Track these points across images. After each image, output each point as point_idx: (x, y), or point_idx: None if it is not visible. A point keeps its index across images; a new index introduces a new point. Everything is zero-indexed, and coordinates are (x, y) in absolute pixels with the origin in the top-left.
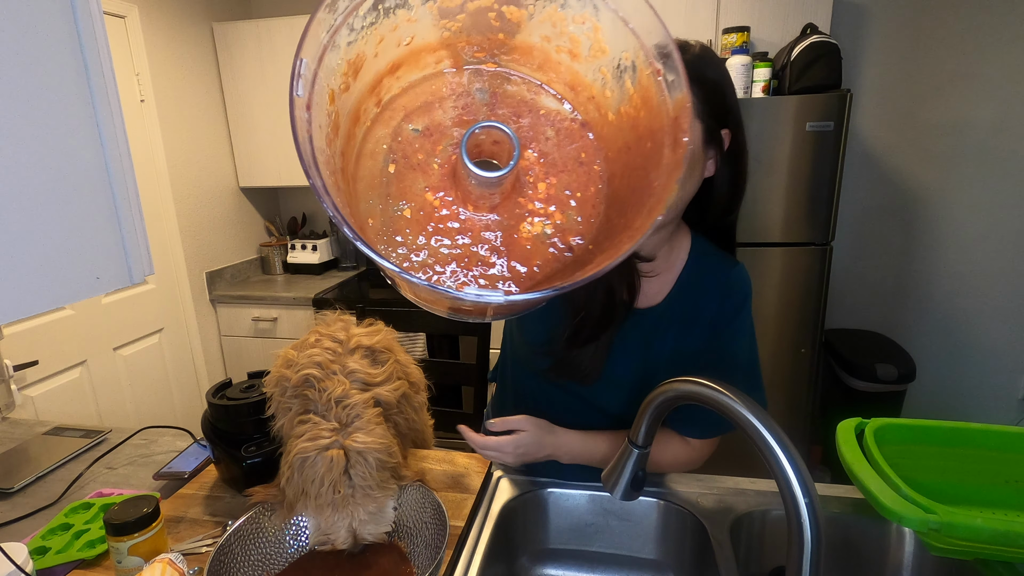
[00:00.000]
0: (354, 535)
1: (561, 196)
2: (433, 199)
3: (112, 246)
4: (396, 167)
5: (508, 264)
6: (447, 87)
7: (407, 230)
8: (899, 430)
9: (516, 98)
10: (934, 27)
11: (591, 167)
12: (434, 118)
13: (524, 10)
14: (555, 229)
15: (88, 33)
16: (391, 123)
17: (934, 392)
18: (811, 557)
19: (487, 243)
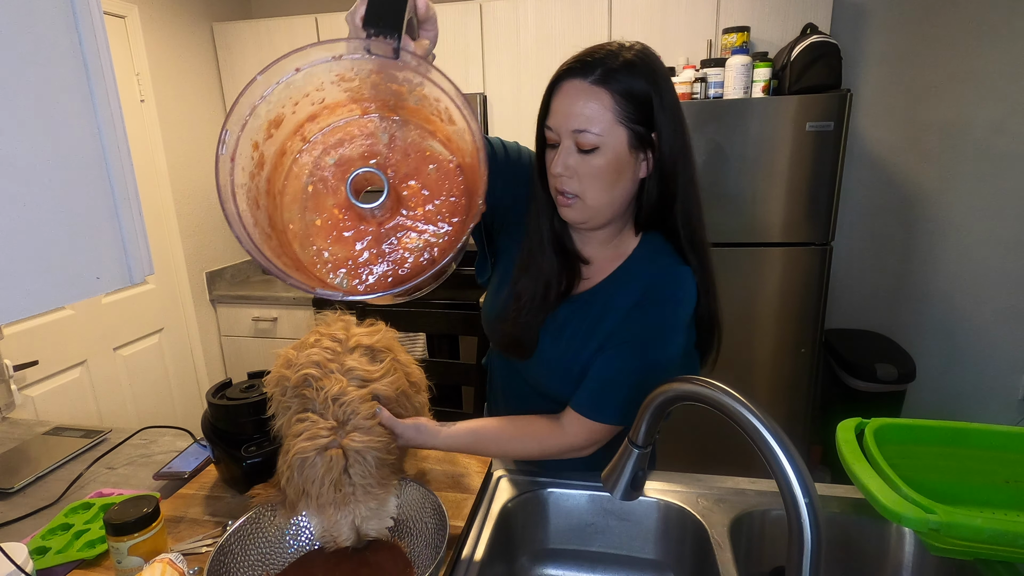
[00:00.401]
0: (357, 532)
1: (434, 218)
2: (339, 214)
3: (112, 246)
4: (314, 188)
5: (387, 265)
6: (357, 129)
7: (318, 235)
8: (899, 430)
9: (408, 140)
10: (934, 27)
11: (459, 200)
12: (345, 152)
13: (403, 86)
14: (425, 243)
15: (88, 33)
16: (313, 154)
17: (934, 392)
18: (811, 557)
19: (374, 248)
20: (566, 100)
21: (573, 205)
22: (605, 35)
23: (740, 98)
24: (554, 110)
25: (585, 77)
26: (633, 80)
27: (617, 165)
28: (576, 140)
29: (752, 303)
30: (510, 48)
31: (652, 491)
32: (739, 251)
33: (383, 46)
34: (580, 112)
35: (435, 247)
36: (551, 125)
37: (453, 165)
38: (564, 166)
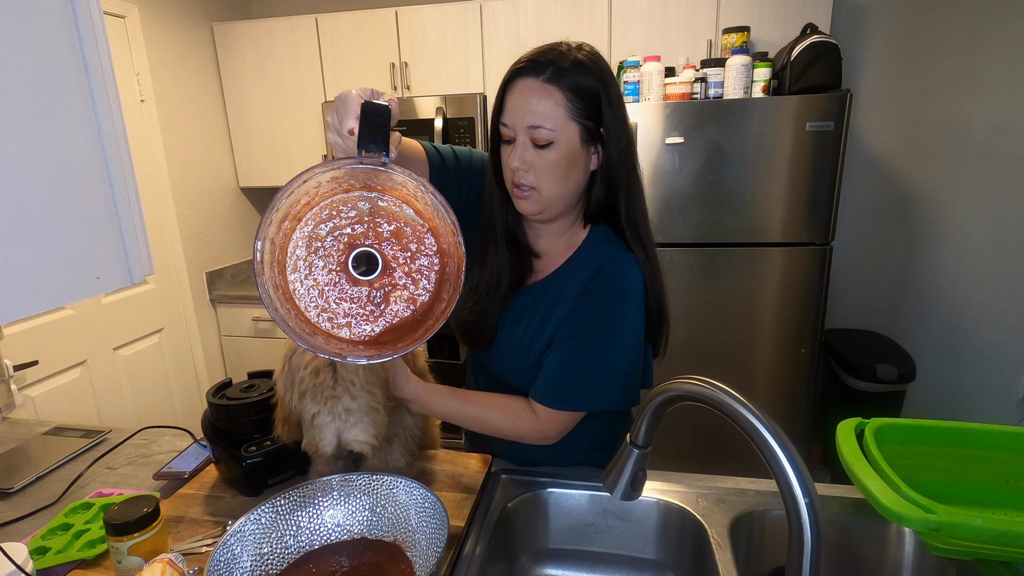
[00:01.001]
0: (339, 439)
1: (413, 275)
2: (334, 277)
3: (112, 246)
4: (309, 255)
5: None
6: (342, 203)
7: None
8: (899, 430)
9: (387, 211)
10: (934, 27)
11: (432, 258)
12: (335, 223)
13: (382, 175)
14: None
15: (88, 33)
16: (306, 229)
17: (934, 392)
18: (811, 557)
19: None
20: (520, 97)
21: (529, 197)
22: (605, 35)
23: (740, 98)
24: (509, 107)
25: (537, 76)
26: (582, 78)
27: (570, 158)
28: (532, 135)
29: (752, 303)
30: (510, 48)
31: (652, 491)
32: (739, 251)
33: (374, 159)
34: (534, 109)
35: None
36: (506, 122)
37: (425, 229)
38: (521, 160)
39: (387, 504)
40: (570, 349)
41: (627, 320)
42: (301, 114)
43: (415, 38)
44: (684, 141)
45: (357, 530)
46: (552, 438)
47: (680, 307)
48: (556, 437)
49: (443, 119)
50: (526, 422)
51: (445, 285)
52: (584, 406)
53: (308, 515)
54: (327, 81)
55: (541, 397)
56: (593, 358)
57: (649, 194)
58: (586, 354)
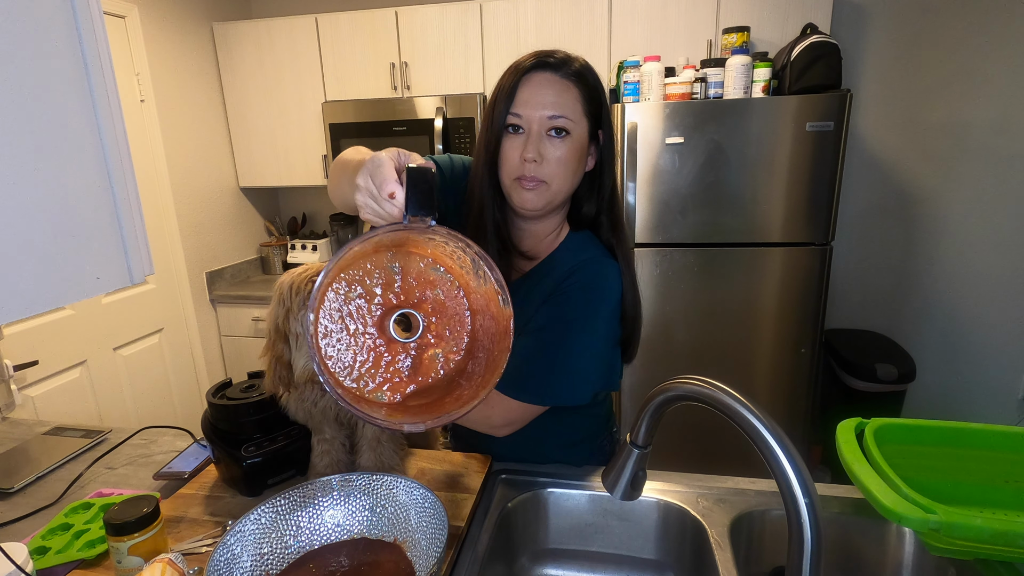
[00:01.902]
0: None
1: (443, 333)
2: (368, 341)
3: (112, 246)
4: (343, 320)
5: (413, 380)
6: (372, 264)
7: (357, 360)
8: (899, 430)
9: (416, 270)
10: (934, 27)
11: (463, 317)
12: (367, 286)
13: (422, 238)
14: (442, 352)
15: (88, 33)
16: (340, 291)
17: (934, 392)
18: (811, 557)
19: (400, 366)
20: (539, 89)
21: (537, 189)
22: (605, 35)
23: (740, 98)
24: (524, 99)
25: (557, 72)
26: (592, 80)
27: (580, 153)
28: (551, 124)
29: (752, 303)
30: (510, 48)
31: (652, 491)
32: (739, 251)
33: (420, 224)
34: (555, 100)
35: (450, 359)
36: (520, 112)
37: (456, 287)
38: (536, 151)
39: (387, 504)
40: (535, 341)
41: (597, 320)
42: (301, 114)
43: (415, 38)
44: (684, 141)
45: (357, 530)
46: (498, 428)
47: (680, 307)
48: (502, 428)
49: (443, 119)
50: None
51: (478, 345)
52: (537, 400)
53: (308, 515)
54: (327, 81)
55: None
56: (556, 352)
57: (649, 194)
58: (550, 348)
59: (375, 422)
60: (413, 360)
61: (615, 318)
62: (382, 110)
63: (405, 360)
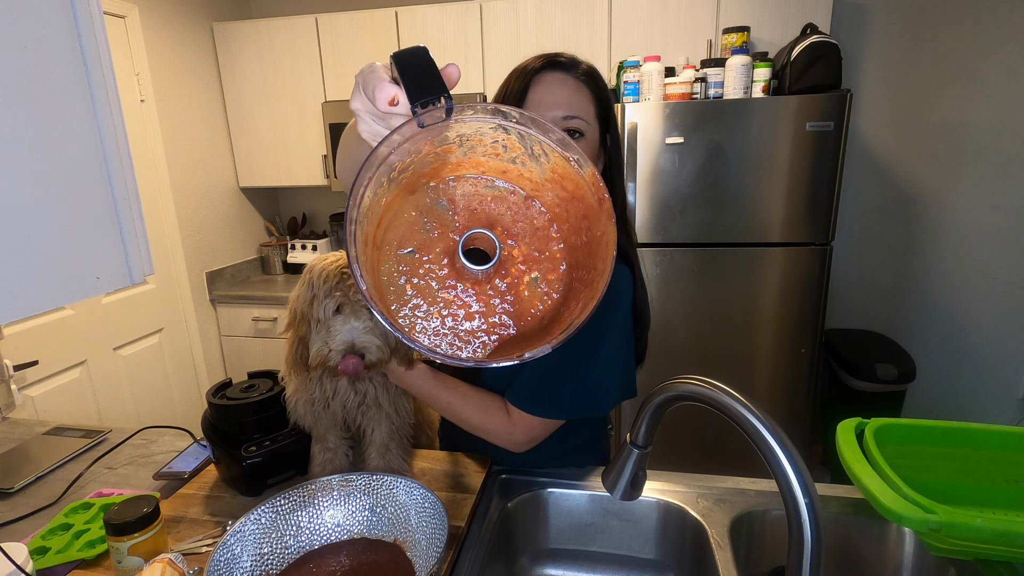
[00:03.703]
0: (352, 342)
1: (532, 256)
2: (449, 296)
3: (112, 246)
4: (411, 285)
5: (516, 317)
6: (415, 211)
7: (441, 322)
8: (899, 430)
9: (468, 195)
10: (934, 27)
11: (547, 231)
12: (420, 238)
13: (453, 144)
14: (540, 276)
15: (88, 33)
16: (391, 254)
17: (934, 392)
18: (811, 557)
19: (502, 308)
20: (552, 88)
21: None
22: (605, 35)
23: (740, 98)
24: (537, 99)
25: (569, 72)
26: (601, 82)
27: (592, 156)
28: (565, 126)
29: (752, 303)
30: (510, 48)
31: (652, 491)
32: (739, 251)
33: (435, 115)
34: (569, 100)
35: (547, 286)
36: None
37: (523, 197)
38: None
39: (387, 504)
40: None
41: (615, 329)
42: (301, 114)
43: (415, 38)
44: (684, 141)
45: (357, 530)
46: (520, 444)
47: (680, 307)
48: (524, 445)
49: None
50: (498, 420)
51: (577, 244)
52: (560, 415)
53: (308, 515)
54: (327, 81)
55: (518, 401)
56: (578, 367)
57: (649, 194)
58: (571, 363)
59: (484, 364)
60: (513, 296)
61: (629, 324)
62: None
63: (501, 304)
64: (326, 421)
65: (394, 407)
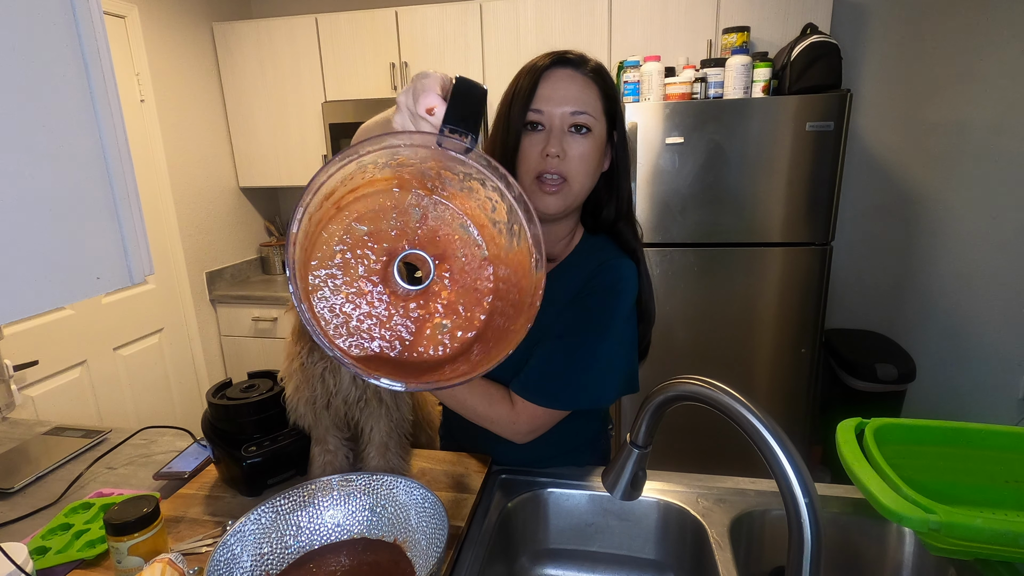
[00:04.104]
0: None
1: (456, 307)
2: (365, 287)
3: (112, 246)
4: (342, 255)
5: (403, 345)
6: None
7: (344, 303)
8: (899, 430)
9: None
10: (934, 27)
11: (482, 297)
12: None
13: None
14: (449, 327)
15: (88, 33)
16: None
17: (934, 392)
18: (811, 557)
19: (398, 328)
20: (561, 84)
21: (559, 191)
22: (605, 35)
23: (740, 98)
24: (546, 95)
25: (577, 69)
26: (609, 79)
27: (599, 151)
28: (573, 121)
29: (752, 303)
30: (510, 48)
31: (652, 491)
32: (739, 251)
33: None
34: (578, 96)
35: (456, 337)
36: (541, 108)
37: (483, 256)
38: (559, 147)
39: (387, 504)
40: (560, 348)
41: (619, 322)
42: (301, 114)
43: (415, 38)
44: (684, 141)
45: (357, 530)
46: (523, 435)
47: (680, 307)
48: (527, 435)
49: None
50: (502, 409)
51: (492, 324)
52: (564, 405)
53: (308, 515)
54: (327, 81)
55: (523, 391)
56: (583, 358)
57: (649, 194)
58: (575, 354)
59: (353, 369)
60: (415, 327)
61: (634, 318)
62: (382, 110)
63: (404, 322)
64: (326, 420)
65: (394, 401)
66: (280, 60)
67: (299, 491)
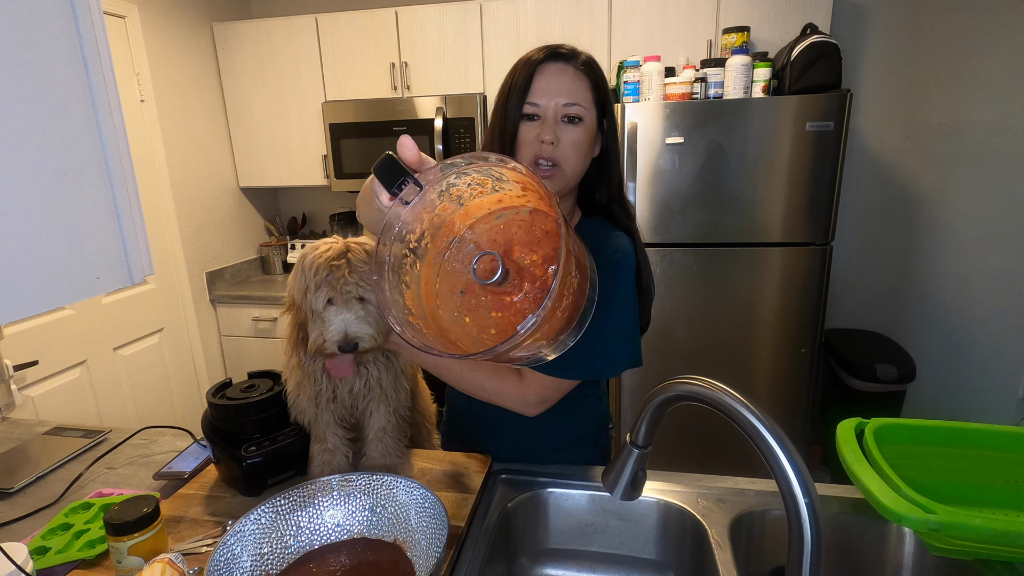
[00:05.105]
0: (346, 331)
1: (551, 255)
2: (497, 314)
3: (112, 246)
4: (466, 317)
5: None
6: (456, 261)
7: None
8: (899, 430)
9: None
10: (934, 27)
11: (556, 231)
12: (462, 281)
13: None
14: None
15: (88, 33)
16: (449, 302)
17: (934, 392)
18: (811, 557)
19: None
20: (555, 77)
21: (552, 175)
22: (605, 35)
23: (740, 98)
24: (541, 88)
25: (568, 63)
26: (599, 71)
27: (590, 138)
28: (565, 112)
29: (752, 303)
30: (510, 48)
31: (652, 491)
32: (739, 251)
33: (411, 190)
34: (569, 88)
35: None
36: (537, 101)
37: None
38: (553, 134)
39: (387, 504)
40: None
41: (622, 293)
42: (301, 114)
43: (415, 38)
44: (684, 141)
45: (357, 530)
46: (532, 406)
47: (680, 307)
48: (536, 406)
49: (443, 119)
50: (511, 382)
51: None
52: (572, 375)
53: (308, 515)
54: (327, 81)
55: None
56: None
57: (649, 194)
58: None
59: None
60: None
61: (635, 290)
62: (382, 110)
63: (533, 294)
64: (327, 416)
65: (393, 387)
66: (280, 60)
67: (299, 491)
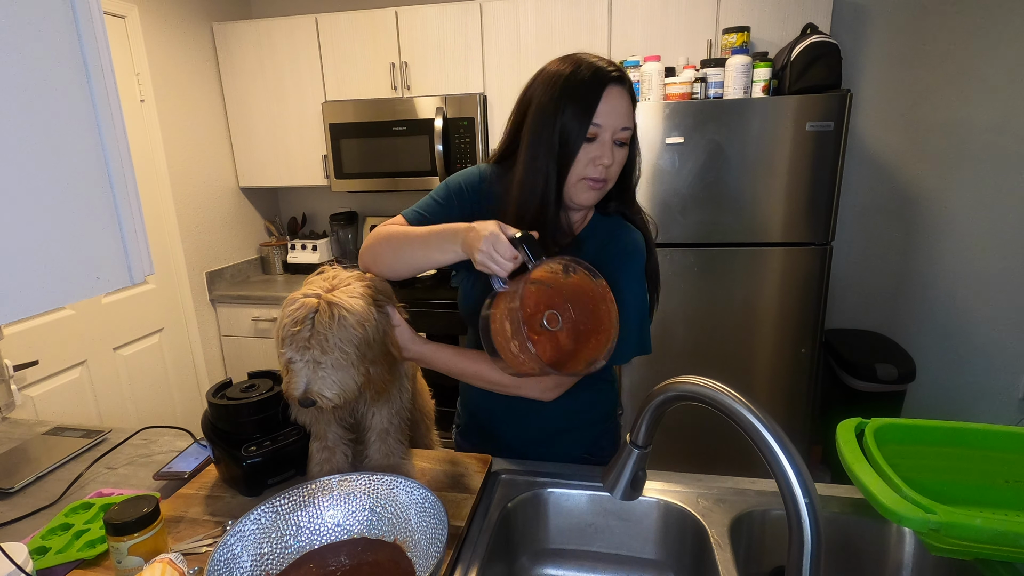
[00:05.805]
0: (306, 390)
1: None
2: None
3: (112, 246)
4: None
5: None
6: (541, 305)
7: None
8: (899, 430)
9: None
10: (934, 27)
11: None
12: (539, 312)
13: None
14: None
15: (88, 33)
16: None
17: (934, 392)
18: (811, 557)
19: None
20: (616, 102)
21: (600, 189)
22: (605, 35)
23: (740, 98)
24: (606, 111)
25: (621, 85)
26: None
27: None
28: (621, 136)
29: (752, 303)
30: (510, 48)
31: (652, 491)
32: (739, 251)
33: (542, 263)
34: (626, 112)
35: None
36: (600, 123)
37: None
38: (611, 158)
39: (387, 504)
40: None
41: (633, 282)
42: (301, 114)
43: (415, 38)
44: (684, 141)
45: (357, 530)
46: (550, 391)
47: (680, 307)
48: (554, 390)
49: (443, 119)
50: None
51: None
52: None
53: (308, 515)
54: (327, 81)
55: None
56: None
57: (649, 194)
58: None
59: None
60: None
61: (645, 280)
62: (382, 110)
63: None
64: (328, 415)
65: (396, 388)
66: (280, 60)
67: (299, 491)
